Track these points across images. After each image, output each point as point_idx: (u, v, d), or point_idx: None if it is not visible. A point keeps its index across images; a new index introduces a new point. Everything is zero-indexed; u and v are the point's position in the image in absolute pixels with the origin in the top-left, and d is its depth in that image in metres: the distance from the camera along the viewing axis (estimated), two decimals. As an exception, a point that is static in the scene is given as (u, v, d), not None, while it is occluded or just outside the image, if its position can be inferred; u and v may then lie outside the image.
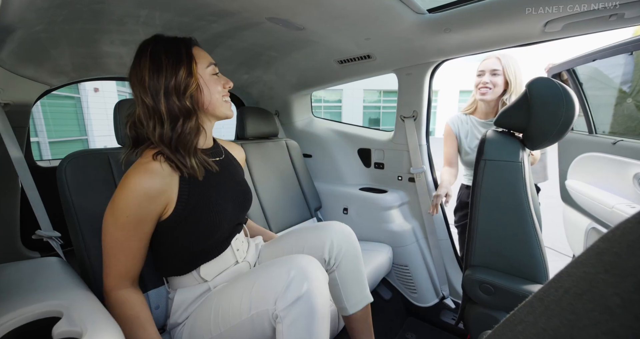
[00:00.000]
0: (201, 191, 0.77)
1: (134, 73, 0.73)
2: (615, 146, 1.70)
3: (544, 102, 0.79)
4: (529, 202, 0.79)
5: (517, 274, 0.82)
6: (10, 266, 0.75)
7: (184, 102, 0.71)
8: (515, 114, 0.86)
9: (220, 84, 0.79)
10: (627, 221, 0.18)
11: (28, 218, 1.07)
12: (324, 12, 0.94)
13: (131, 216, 0.68)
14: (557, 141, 0.81)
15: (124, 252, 0.70)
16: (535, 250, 0.79)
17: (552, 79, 0.80)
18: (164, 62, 0.70)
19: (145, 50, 0.72)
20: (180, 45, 0.74)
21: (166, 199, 0.71)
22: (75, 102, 7.11)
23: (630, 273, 0.16)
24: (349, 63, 1.40)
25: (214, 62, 0.79)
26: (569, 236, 2.05)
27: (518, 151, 0.83)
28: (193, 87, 0.73)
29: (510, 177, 0.80)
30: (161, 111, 0.70)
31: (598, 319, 0.17)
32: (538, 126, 0.81)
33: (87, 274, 0.84)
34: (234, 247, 0.88)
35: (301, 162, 1.77)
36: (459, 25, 1.00)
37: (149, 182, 0.68)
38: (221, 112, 0.79)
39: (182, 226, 0.74)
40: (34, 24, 0.84)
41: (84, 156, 0.88)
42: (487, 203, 0.84)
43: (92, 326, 0.54)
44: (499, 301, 0.82)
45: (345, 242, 0.90)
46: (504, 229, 0.82)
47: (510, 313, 0.26)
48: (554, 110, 0.77)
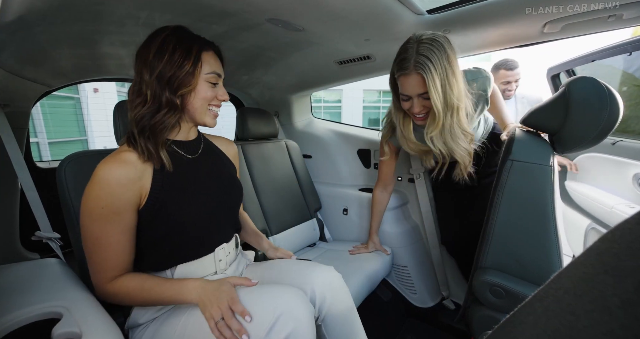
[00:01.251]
0: (175, 182, 0.74)
1: (141, 48, 0.73)
2: (614, 146, 1.70)
3: (586, 103, 0.72)
4: (555, 208, 0.76)
5: (530, 280, 0.78)
6: (9, 267, 0.75)
7: (172, 97, 0.71)
8: (549, 114, 0.80)
9: (214, 94, 0.77)
10: (627, 222, 0.18)
11: (27, 219, 1.07)
12: (323, 13, 0.94)
13: (106, 206, 0.64)
14: (591, 146, 0.75)
15: (105, 247, 0.67)
16: (553, 257, 0.75)
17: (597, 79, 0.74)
18: (171, 51, 0.70)
19: (160, 35, 0.72)
20: (194, 44, 0.73)
21: (140, 188, 0.69)
22: (75, 103, 7.11)
23: (630, 274, 0.16)
24: (348, 64, 1.40)
25: (220, 73, 0.78)
26: (569, 236, 2.05)
27: (549, 153, 0.78)
28: (187, 88, 0.72)
29: (539, 181, 0.76)
30: (149, 91, 0.70)
31: (597, 320, 0.17)
32: (573, 129, 0.75)
33: (86, 276, 0.84)
34: (217, 256, 0.82)
35: (301, 163, 1.77)
36: (459, 26, 1.00)
37: (120, 171, 0.66)
38: (201, 118, 0.78)
39: (159, 218, 0.71)
40: (33, 25, 0.84)
41: (83, 157, 0.88)
42: (509, 205, 0.79)
43: (92, 327, 0.54)
44: (508, 305, 0.79)
45: (330, 294, 0.80)
46: (523, 233, 0.78)
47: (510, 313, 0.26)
48: (596, 113, 0.70)
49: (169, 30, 0.72)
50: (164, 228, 0.72)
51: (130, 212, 0.68)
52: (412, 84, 0.94)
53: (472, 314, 0.91)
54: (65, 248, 0.90)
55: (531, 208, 0.77)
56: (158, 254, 0.75)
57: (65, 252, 0.90)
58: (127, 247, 0.70)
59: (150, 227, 0.72)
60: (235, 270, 0.90)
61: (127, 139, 0.72)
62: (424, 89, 0.92)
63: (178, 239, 0.75)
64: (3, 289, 0.64)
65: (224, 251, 0.84)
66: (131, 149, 0.70)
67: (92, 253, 0.68)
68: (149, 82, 0.69)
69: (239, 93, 2.00)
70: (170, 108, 0.72)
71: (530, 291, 0.75)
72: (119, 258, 0.69)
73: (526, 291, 0.76)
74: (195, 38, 0.75)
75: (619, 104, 0.71)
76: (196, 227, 0.76)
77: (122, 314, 0.80)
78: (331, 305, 0.79)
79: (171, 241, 0.74)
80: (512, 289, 0.77)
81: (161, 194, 0.71)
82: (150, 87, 0.69)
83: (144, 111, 0.70)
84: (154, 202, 0.71)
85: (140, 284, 0.69)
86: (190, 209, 0.75)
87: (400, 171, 1.64)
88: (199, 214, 0.76)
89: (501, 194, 0.80)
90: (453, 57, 0.91)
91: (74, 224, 0.83)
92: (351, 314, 0.83)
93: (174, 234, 0.74)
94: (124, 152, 0.70)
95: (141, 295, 0.68)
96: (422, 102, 0.98)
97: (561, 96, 0.78)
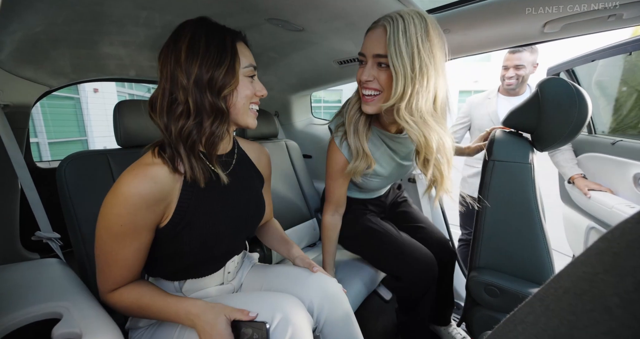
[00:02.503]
0: (203, 200, 0.68)
1: (167, 49, 0.63)
2: (614, 146, 1.70)
3: (556, 102, 0.77)
4: (538, 204, 0.78)
5: (523, 277, 0.80)
6: (9, 268, 0.75)
7: (217, 101, 0.63)
8: (525, 114, 0.85)
9: (253, 90, 0.69)
10: (626, 221, 0.18)
11: (27, 219, 1.07)
12: (323, 13, 0.94)
13: (126, 225, 0.59)
14: (568, 142, 0.80)
15: (118, 263, 0.63)
16: (542, 252, 0.78)
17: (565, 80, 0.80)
18: (206, 48, 0.62)
19: (185, 31, 0.63)
20: (226, 35, 0.65)
21: (165, 206, 0.63)
22: (75, 103, 7.11)
23: (630, 273, 0.16)
24: (348, 64, 1.40)
25: (255, 64, 0.71)
26: (569, 236, 2.05)
27: (528, 152, 0.81)
28: (231, 88, 0.64)
29: (520, 178, 0.79)
30: (190, 99, 0.61)
31: (598, 319, 0.17)
32: (548, 127, 0.79)
33: (86, 276, 0.84)
34: (227, 269, 0.81)
35: (301, 163, 1.77)
36: (459, 26, 1.00)
37: (148, 188, 0.59)
38: (244, 119, 0.70)
39: (180, 236, 0.66)
40: (33, 25, 0.84)
41: (83, 157, 0.88)
42: (495, 204, 0.82)
43: (92, 327, 0.54)
44: (504, 303, 0.80)
45: (328, 303, 0.77)
46: (511, 231, 0.81)
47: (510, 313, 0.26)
48: (566, 111, 0.75)
49: (194, 24, 0.64)
50: (183, 246, 0.68)
51: (150, 231, 0.64)
52: (372, 38, 0.74)
53: (471, 315, 0.91)
54: (65, 248, 0.89)
55: (516, 206, 0.79)
56: (171, 268, 0.73)
57: (66, 253, 0.90)
58: (136, 265, 0.66)
59: (169, 243, 0.67)
60: (241, 278, 0.89)
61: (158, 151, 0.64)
62: (383, 49, 0.72)
63: (194, 257, 0.70)
64: (3, 290, 0.64)
65: (233, 263, 0.83)
66: (161, 161, 0.62)
67: (102, 264, 0.64)
68: (188, 88, 0.61)
69: (239, 93, 1.99)
70: (217, 115, 0.64)
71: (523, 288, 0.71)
72: (126, 273, 0.65)
73: (519, 289, 0.77)
74: (224, 28, 0.67)
75: (587, 101, 0.74)
76: (216, 248, 0.72)
77: (122, 314, 0.80)
78: (329, 315, 0.77)
79: (187, 259, 0.70)
80: (506, 287, 0.78)
81: (187, 213, 0.66)
82: (191, 94, 0.61)
83: (191, 123, 0.62)
84: (179, 221, 0.65)
85: (136, 301, 0.65)
86: (214, 229, 0.70)
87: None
88: (221, 235, 0.71)
89: (487, 195, 0.83)
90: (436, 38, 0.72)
91: (74, 224, 0.83)
92: (349, 322, 0.80)
93: (191, 252, 0.69)
94: (155, 165, 0.61)
95: (138, 311, 0.66)
96: (377, 72, 0.75)
97: (534, 97, 0.82)
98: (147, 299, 0.64)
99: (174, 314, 0.64)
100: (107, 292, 0.66)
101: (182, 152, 0.63)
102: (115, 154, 0.93)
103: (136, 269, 0.67)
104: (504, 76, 1.66)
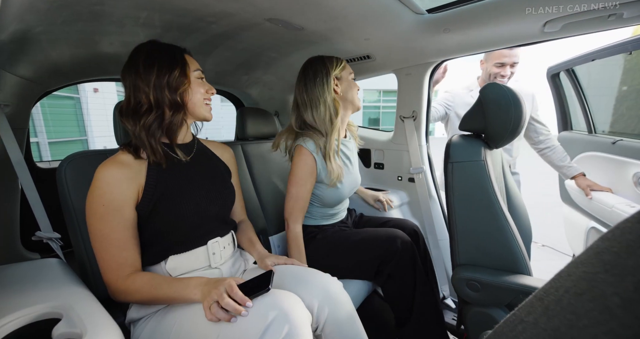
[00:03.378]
0: (168, 180, 0.80)
1: (127, 67, 0.79)
2: (614, 146, 1.70)
3: (496, 104, 0.87)
4: (497, 197, 0.84)
5: (500, 268, 0.85)
6: (10, 268, 0.75)
7: (175, 97, 0.78)
8: (474, 118, 0.94)
9: (204, 88, 0.85)
10: (626, 221, 0.18)
11: (28, 219, 1.07)
12: (323, 13, 0.94)
13: (107, 204, 0.70)
14: (514, 138, 0.90)
15: (112, 244, 0.71)
16: (511, 242, 0.83)
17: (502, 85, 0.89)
18: (159, 61, 0.77)
19: (141, 49, 0.79)
20: (175, 50, 0.82)
21: (137, 185, 0.75)
22: (75, 103, 7.12)
23: (630, 273, 0.16)
24: (348, 63, 1.40)
25: (201, 69, 0.87)
26: (569, 236, 2.05)
27: (480, 150, 0.89)
28: (185, 86, 0.80)
29: (477, 175, 0.86)
30: (152, 98, 0.76)
31: (598, 319, 0.17)
32: (494, 127, 0.89)
33: (86, 275, 0.84)
34: (210, 249, 0.84)
35: (301, 163, 1.76)
36: (458, 26, 1.00)
37: (118, 171, 0.73)
38: (200, 112, 0.85)
39: (153, 213, 0.76)
40: (33, 25, 0.84)
41: (83, 157, 0.88)
42: (461, 203, 0.88)
43: (92, 327, 0.54)
44: (487, 296, 0.84)
45: (329, 303, 0.78)
46: (480, 225, 0.86)
47: (510, 312, 0.26)
48: (505, 111, 0.85)
49: (147, 45, 0.80)
50: (158, 224, 0.77)
51: (129, 207, 0.74)
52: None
53: (464, 315, 0.93)
54: (66, 248, 0.90)
55: (478, 201, 0.86)
56: (154, 249, 0.79)
57: (66, 253, 0.90)
58: (131, 243, 0.74)
59: (147, 223, 0.77)
60: (232, 267, 0.90)
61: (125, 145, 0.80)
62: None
63: (170, 233, 0.79)
64: (3, 290, 0.64)
65: (218, 245, 0.86)
66: (126, 151, 0.78)
67: (101, 251, 0.72)
68: (148, 91, 0.76)
69: (239, 93, 2.00)
70: (175, 107, 0.79)
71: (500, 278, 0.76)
72: (125, 253, 0.73)
73: (497, 280, 0.82)
74: (172, 46, 0.83)
75: (521, 102, 0.85)
76: (187, 222, 0.80)
77: (122, 314, 0.80)
78: (330, 315, 0.77)
79: (164, 235, 0.78)
80: (485, 280, 0.83)
81: (156, 191, 0.77)
82: (152, 95, 0.76)
83: (152, 117, 0.77)
84: (150, 198, 0.76)
85: (149, 282, 0.71)
86: (182, 206, 0.79)
87: (400, 170, 1.65)
88: (190, 210, 0.80)
89: (452, 195, 0.89)
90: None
91: (74, 224, 0.83)
92: (352, 322, 0.80)
93: (166, 228, 0.78)
94: (121, 154, 0.78)
95: (150, 292, 0.71)
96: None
97: (478, 102, 0.92)
98: (159, 278, 0.73)
99: (184, 286, 0.70)
100: (117, 280, 0.71)
101: (145, 140, 0.76)
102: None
103: (131, 251, 0.74)
104: (498, 74, 1.58)
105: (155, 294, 0.70)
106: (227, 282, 0.66)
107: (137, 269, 0.75)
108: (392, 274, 1.07)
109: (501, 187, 0.99)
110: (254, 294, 0.65)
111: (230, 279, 0.67)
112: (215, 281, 0.68)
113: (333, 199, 1.17)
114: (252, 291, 0.66)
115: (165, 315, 0.73)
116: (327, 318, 0.77)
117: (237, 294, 0.64)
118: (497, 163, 0.99)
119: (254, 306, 0.64)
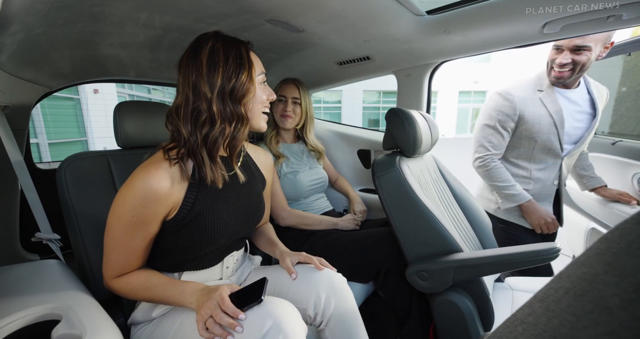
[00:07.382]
0: (207, 200, 0.73)
1: (187, 60, 0.68)
2: (614, 146, 1.70)
3: (394, 124, 1.07)
4: (417, 194, 0.98)
5: (439, 254, 0.96)
6: (9, 269, 0.75)
7: (238, 108, 0.69)
8: (387, 137, 1.13)
9: (266, 94, 0.76)
10: (626, 222, 0.18)
11: (27, 221, 1.07)
12: (323, 14, 0.94)
13: (136, 216, 0.65)
14: (422, 145, 1.08)
15: (126, 250, 0.68)
16: (439, 228, 0.95)
17: (399, 108, 1.08)
18: (225, 60, 0.67)
19: (204, 42, 0.68)
20: (242, 47, 0.70)
21: (172, 202, 0.68)
22: (75, 104, 7.11)
23: (630, 274, 0.16)
24: (348, 65, 1.40)
25: (265, 71, 0.76)
26: (569, 236, 2.05)
27: (395, 161, 1.04)
28: (251, 95, 0.70)
29: (396, 181, 1.01)
30: (214, 108, 0.66)
31: (598, 320, 0.17)
32: (401, 141, 1.07)
33: (86, 277, 0.84)
34: (225, 264, 0.83)
35: (301, 164, 1.77)
36: (458, 27, 1.01)
37: (158, 184, 0.65)
38: (257, 123, 0.76)
39: (182, 231, 0.71)
40: (33, 26, 0.84)
41: (83, 158, 0.88)
42: (394, 207, 1.01)
43: (92, 329, 0.54)
44: (435, 281, 0.94)
45: (335, 297, 0.78)
46: (412, 222, 0.99)
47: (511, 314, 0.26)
48: (403, 127, 1.05)
49: (211, 37, 0.69)
50: (185, 241, 0.72)
51: (156, 223, 0.69)
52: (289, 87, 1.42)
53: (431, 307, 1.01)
54: (65, 249, 0.89)
55: (405, 202, 0.99)
56: (172, 260, 0.76)
57: (65, 254, 0.90)
58: (142, 254, 0.72)
59: (171, 237, 0.72)
60: (240, 276, 0.89)
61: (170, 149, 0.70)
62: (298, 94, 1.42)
63: (193, 252, 0.74)
64: (3, 291, 0.64)
65: (232, 258, 0.85)
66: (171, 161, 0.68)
67: (109, 250, 0.69)
68: (210, 99, 0.66)
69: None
70: (238, 121, 0.70)
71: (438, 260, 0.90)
72: (133, 260, 0.71)
73: (439, 265, 0.93)
74: (238, 41, 0.71)
75: (414, 120, 1.05)
76: (212, 243, 0.75)
77: (122, 315, 0.80)
78: (335, 309, 0.77)
79: (183, 251, 0.74)
80: (429, 268, 0.94)
81: (192, 211, 0.71)
82: (215, 104, 0.66)
83: (217, 130, 0.68)
84: (185, 215, 0.70)
85: (144, 283, 0.70)
86: (214, 227, 0.73)
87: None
88: (219, 233, 0.75)
89: (386, 204, 1.02)
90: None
91: (74, 226, 0.83)
92: (354, 317, 0.80)
93: (191, 247, 0.73)
94: (165, 163, 0.67)
95: (144, 293, 0.70)
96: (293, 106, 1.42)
97: (387, 123, 1.12)
98: (154, 280, 0.70)
99: (179, 293, 0.68)
100: (112, 278, 0.70)
101: (204, 156, 0.69)
102: (115, 155, 0.93)
103: (141, 258, 0.72)
104: (553, 61, 1.20)
105: (151, 296, 0.70)
106: (219, 293, 0.63)
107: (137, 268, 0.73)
108: (388, 275, 1.09)
109: (441, 186, 1.22)
110: (247, 306, 0.63)
111: (222, 290, 0.64)
112: (209, 290, 0.66)
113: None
114: (245, 301, 0.64)
115: (164, 319, 0.73)
116: (333, 312, 0.77)
117: (228, 307, 0.61)
118: (424, 168, 1.19)
119: (250, 316, 0.62)
